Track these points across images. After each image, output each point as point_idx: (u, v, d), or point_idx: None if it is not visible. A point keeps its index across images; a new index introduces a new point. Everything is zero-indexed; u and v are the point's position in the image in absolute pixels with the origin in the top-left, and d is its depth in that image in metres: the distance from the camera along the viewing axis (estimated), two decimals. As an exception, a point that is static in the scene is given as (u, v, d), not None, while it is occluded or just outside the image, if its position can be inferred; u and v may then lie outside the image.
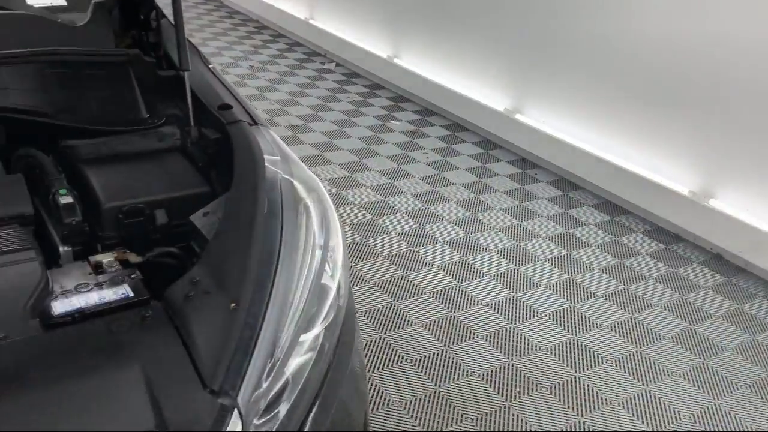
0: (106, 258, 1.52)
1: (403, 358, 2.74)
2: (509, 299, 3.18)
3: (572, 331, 3.00)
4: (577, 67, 4.24)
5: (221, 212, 1.48)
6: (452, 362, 2.75)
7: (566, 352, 2.86)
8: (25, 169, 1.69)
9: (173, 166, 1.76)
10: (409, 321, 2.96)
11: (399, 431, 2.37)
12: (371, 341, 2.83)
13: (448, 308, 3.08)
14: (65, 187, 1.60)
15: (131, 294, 1.41)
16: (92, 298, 1.40)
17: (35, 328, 1.21)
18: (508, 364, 2.76)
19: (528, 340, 2.91)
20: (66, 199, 1.57)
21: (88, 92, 1.81)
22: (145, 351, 1.14)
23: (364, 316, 2.98)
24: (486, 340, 2.89)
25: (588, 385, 2.68)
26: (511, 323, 3.01)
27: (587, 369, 2.78)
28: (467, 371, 2.71)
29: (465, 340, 2.89)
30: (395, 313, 3.00)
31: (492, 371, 2.71)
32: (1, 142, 1.77)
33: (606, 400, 2.62)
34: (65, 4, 2.04)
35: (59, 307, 1.34)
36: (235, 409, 1.08)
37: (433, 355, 2.77)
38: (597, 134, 4.22)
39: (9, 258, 1.34)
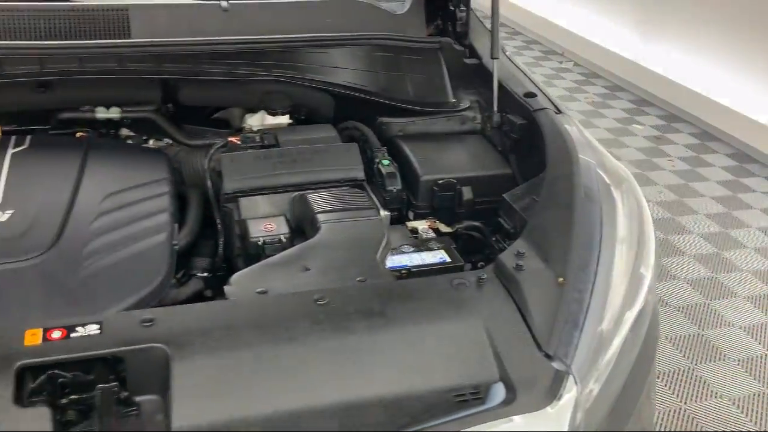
0: (420, 225, 1.68)
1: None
2: (764, 324, 2.95)
3: None
4: None
5: (535, 194, 1.56)
6: (699, 381, 2.63)
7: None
8: (348, 140, 1.91)
9: (476, 148, 1.88)
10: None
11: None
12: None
13: (695, 325, 2.94)
14: (387, 159, 1.78)
15: (448, 259, 1.55)
16: (414, 258, 1.55)
17: (387, 275, 1.37)
18: (762, 393, 2.58)
19: (792, 370, 2.70)
20: (389, 169, 1.75)
21: (405, 75, 1.99)
22: (483, 309, 1.25)
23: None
24: (738, 364, 2.72)
25: None
26: (767, 349, 2.81)
27: None
28: (716, 393, 2.57)
29: (714, 361, 2.75)
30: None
31: (744, 397, 2.55)
32: (329, 114, 2.01)
33: None
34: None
35: (389, 262, 1.51)
36: (571, 375, 1.14)
37: (680, 371, 2.67)
38: None
39: (355, 214, 1.54)
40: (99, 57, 1.77)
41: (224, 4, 1.82)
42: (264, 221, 1.59)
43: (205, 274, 1.64)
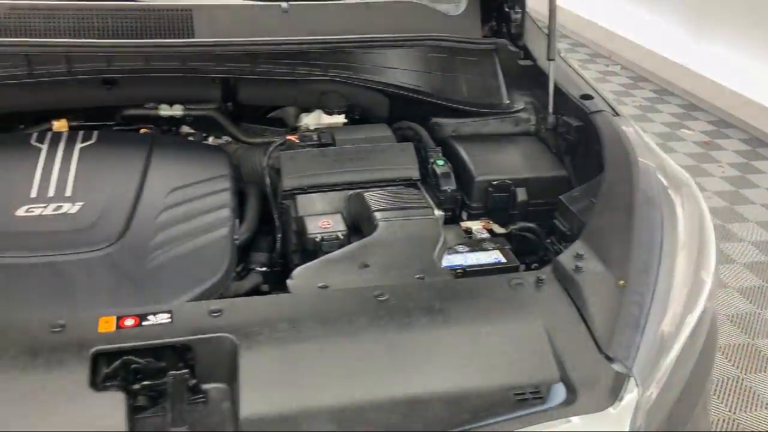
0: (475, 225, 1.69)
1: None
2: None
3: None
4: None
5: (593, 196, 1.55)
6: (749, 391, 2.58)
7: None
8: (401, 140, 1.92)
9: (530, 149, 1.88)
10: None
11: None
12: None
13: (745, 334, 2.88)
14: (442, 159, 1.80)
15: (503, 260, 1.55)
16: (469, 258, 1.56)
17: (446, 273, 1.39)
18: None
19: None
20: (443, 169, 1.76)
21: (459, 76, 2.01)
22: (543, 309, 1.26)
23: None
24: (791, 375, 2.66)
25: None
26: (827, 362, 2.73)
27: None
28: (765, 403, 2.52)
29: (764, 371, 2.69)
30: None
31: (803, 408, 2.50)
32: (383, 114, 2.04)
33: None
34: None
35: (445, 261, 1.52)
36: (632, 378, 1.14)
37: (729, 380, 2.62)
38: None
39: (412, 213, 1.56)
40: (163, 56, 1.82)
41: (284, 5, 1.86)
42: (321, 218, 1.62)
43: (264, 269, 1.67)
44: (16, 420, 1.00)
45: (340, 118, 2.02)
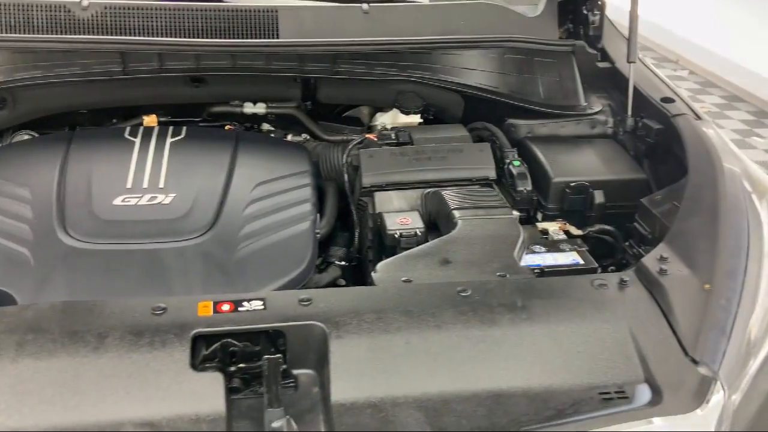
0: (551, 226, 1.69)
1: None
2: None
3: None
4: None
5: (676, 200, 1.54)
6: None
7: None
8: (476, 140, 1.94)
9: (607, 152, 1.88)
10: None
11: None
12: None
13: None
14: (518, 159, 1.81)
15: (580, 261, 1.56)
16: (546, 258, 1.57)
17: (527, 272, 1.40)
18: None
19: None
20: (519, 169, 1.77)
21: (536, 78, 2.01)
22: (627, 311, 1.26)
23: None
24: None
25: None
26: None
27: None
28: None
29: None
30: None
31: None
32: (457, 114, 2.06)
33: None
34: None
35: (522, 261, 1.53)
36: (718, 381, 1.14)
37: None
38: None
39: (490, 212, 1.58)
40: (249, 55, 1.89)
41: (365, 6, 1.90)
42: (399, 215, 1.66)
43: (342, 263, 1.72)
44: (125, 395, 1.06)
45: (416, 118, 2.05)
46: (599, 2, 2.06)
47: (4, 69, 1.82)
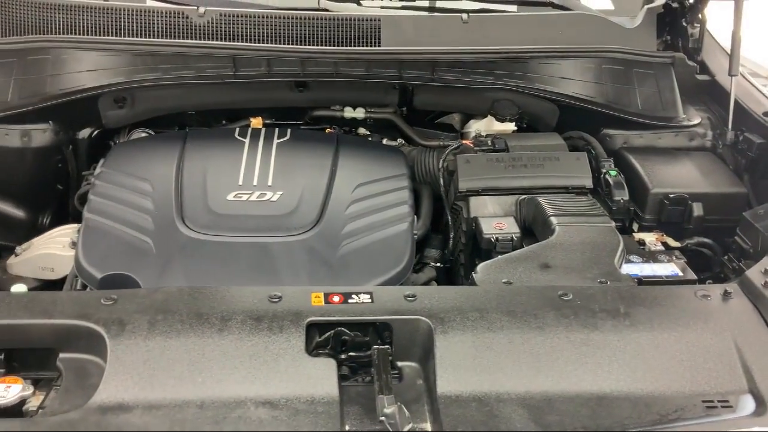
0: (648, 237, 1.70)
1: None
2: None
3: None
4: None
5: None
6: None
7: None
8: (570, 149, 1.95)
9: (706, 164, 1.86)
10: None
11: None
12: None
13: None
14: (614, 169, 1.82)
15: (679, 273, 1.55)
16: (645, 268, 1.58)
17: (628, 279, 1.42)
18: None
19: None
20: (616, 179, 1.78)
21: (634, 89, 2.01)
22: (731, 322, 1.26)
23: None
24: None
25: None
26: None
27: None
28: None
29: None
30: None
31: None
32: (551, 123, 2.09)
33: None
34: (612, 8, 2.30)
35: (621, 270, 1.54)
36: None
37: None
38: None
39: (588, 219, 1.60)
40: (351, 62, 1.96)
41: (464, 16, 1.95)
42: (494, 220, 1.70)
43: (438, 264, 1.77)
44: (246, 375, 1.14)
45: (511, 126, 2.08)
46: (699, 15, 2.05)
47: (126, 71, 1.96)
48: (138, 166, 1.76)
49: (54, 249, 1.70)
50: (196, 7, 1.90)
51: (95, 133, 2.05)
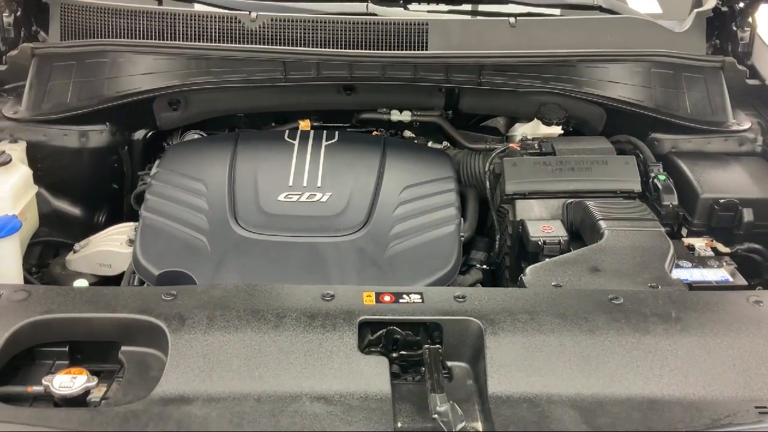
0: (698, 242, 1.69)
1: None
2: None
3: None
4: None
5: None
6: None
7: None
8: (618, 153, 1.94)
9: (757, 170, 1.84)
10: None
11: None
12: None
13: None
14: (663, 174, 1.81)
15: (730, 279, 1.54)
16: (694, 274, 1.57)
17: (679, 284, 1.41)
18: None
19: None
20: (665, 183, 1.77)
21: (683, 93, 2.00)
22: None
23: None
24: None
25: None
26: None
27: None
28: None
29: None
30: None
31: None
32: (598, 127, 2.08)
33: None
34: (660, 11, 2.29)
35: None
36: None
37: None
38: None
39: (638, 224, 1.59)
40: (399, 66, 1.99)
41: (512, 20, 1.96)
42: (541, 223, 1.70)
43: (484, 267, 1.78)
44: (301, 370, 1.17)
45: (557, 129, 2.09)
46: (749, 19, 2.03)
47: (180, 74, 2.02)
48: (192, 167, 1.81)
49: (112, 246, 1.75)
50: (248, 13, 1.95)
51: (149, 134, 2.11)
